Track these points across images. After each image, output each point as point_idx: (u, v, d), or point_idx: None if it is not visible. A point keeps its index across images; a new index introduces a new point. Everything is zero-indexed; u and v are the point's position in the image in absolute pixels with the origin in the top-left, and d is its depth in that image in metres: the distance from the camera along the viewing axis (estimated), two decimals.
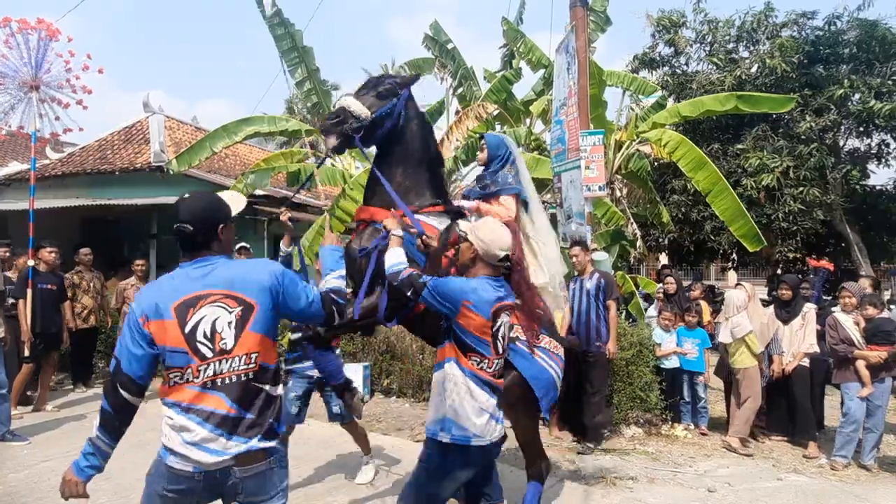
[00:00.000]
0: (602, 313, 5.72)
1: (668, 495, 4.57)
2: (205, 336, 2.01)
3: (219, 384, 2.02)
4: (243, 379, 2.04)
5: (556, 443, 5.85)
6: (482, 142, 3.84)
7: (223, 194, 2.37)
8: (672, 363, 6.39)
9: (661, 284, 8.47)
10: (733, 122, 12.05)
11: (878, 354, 5.21)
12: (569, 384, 5.90)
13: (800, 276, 8.12)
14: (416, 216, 3.27)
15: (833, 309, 6.35)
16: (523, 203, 3.69)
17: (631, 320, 7.83)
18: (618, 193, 11.83)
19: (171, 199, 10.06)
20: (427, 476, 2.65)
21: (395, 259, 2.73)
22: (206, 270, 2.10)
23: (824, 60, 11.67)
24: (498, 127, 11.59)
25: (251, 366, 2.06)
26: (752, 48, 12.95)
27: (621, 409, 6.14)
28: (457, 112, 11.68)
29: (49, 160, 13.13)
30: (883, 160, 12.47)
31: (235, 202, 2.46)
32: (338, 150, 3.37)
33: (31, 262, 6.58)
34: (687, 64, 13.82)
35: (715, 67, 12.71)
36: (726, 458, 5.55)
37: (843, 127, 11.79)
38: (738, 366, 5.81)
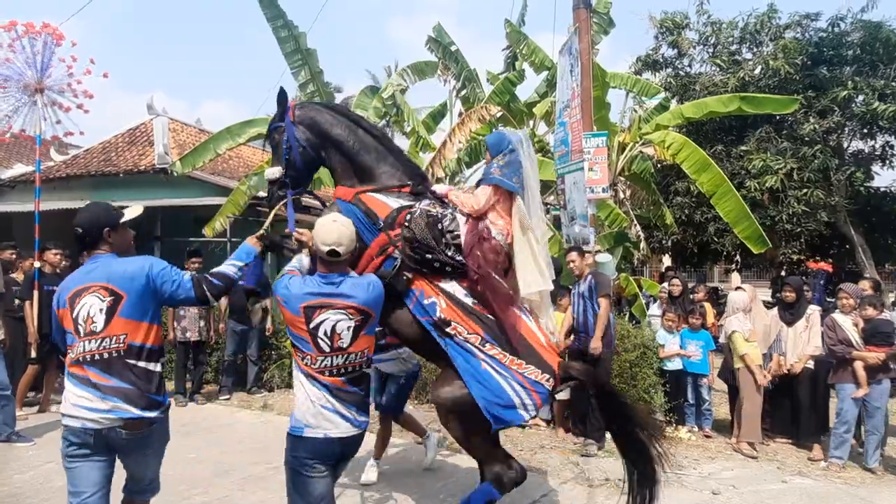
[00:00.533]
0: (596, 313, 5.71)
1: (672, 498, 4.55)
2: (82, 320, 2.54)
3: (88, 360, 2.53)
4: (114, 356, 2.53)
5: (561, 445, 5.84)
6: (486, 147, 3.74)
7: (129, 207, 2.87)
8: (675, 365, 6.37)
9: (663, 285, 8.46)
10: (737, 123, 12.03)
11: (877, 356, 5.19)
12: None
13: (803, 278, 8.10)
14: (372, 195, 3.40)
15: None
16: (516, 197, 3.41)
17: (634, 322, 7.82)
18: (621, 195, 11.83)
19: (176, 201, 10.25)
20: (287, 471, 2.79)
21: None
22: (92, 267, 2.62)
23: (828, 62, 11.65)
24: (501, 129, 11.60)
25: (119, 345, 2.54)
26: (755, 50, 12.94)
27: None
28: (460, 114, 11.70)
29: (53, 162, 13.19)
30: (887, 162, 12.44)
31: (131, 210, 2.87)
32: (298, 209, 3.62)
33: (37, 264, 6.60)
34: (690, 65, 13.83)
35: (718, 69, 12.70)
36: (731, 461, 5.54)
37: (846, 129, 11.77)
38: (736, 366, 5.85)
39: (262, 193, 10.33)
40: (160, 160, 11.28)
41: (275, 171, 3.50)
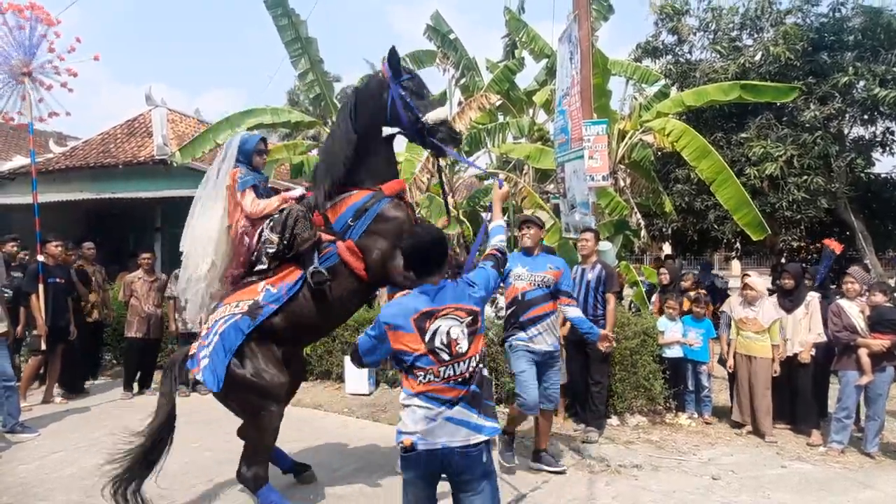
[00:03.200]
0: (602, 305, 5.73)
1: (672, 483, 4.60)
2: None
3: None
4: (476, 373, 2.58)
5: (561, 431, 5.88)
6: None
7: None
8: (675, 352, 6.40)
9: (661, 271, 8.50)
10: (737, 110, 11.98)
11: (881, 343, 5.20)
12: (572, 374, 5.96)
13: (803, 265, 8.10)
14: None
15: (838, 296, 6.35)
16: None
17: (634, 310, 7.85)
18: (621, 183, 11.82)
19: (176, 192, 10.23)
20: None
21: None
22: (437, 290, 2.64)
23: (829, 48, 11.58)
24: (500, 117, 11.57)
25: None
26: (755, 36, 12.85)
27: (625, 398, 6.17)
28: (459, 103, 11.66)
29: (52, 154, 13.18)
30: (888, 148, 12.38)
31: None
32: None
33: (40, 258, 6.60)
34: (690, 52, 13.74)
35: (718, 55, 12.63)
36: (730, 447, 5.58)
37: (847, 115, 11.70)
38: (754, 354, 5.95)
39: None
40: (159, 151, 11.28)
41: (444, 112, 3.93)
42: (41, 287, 6.44)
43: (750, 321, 5.92)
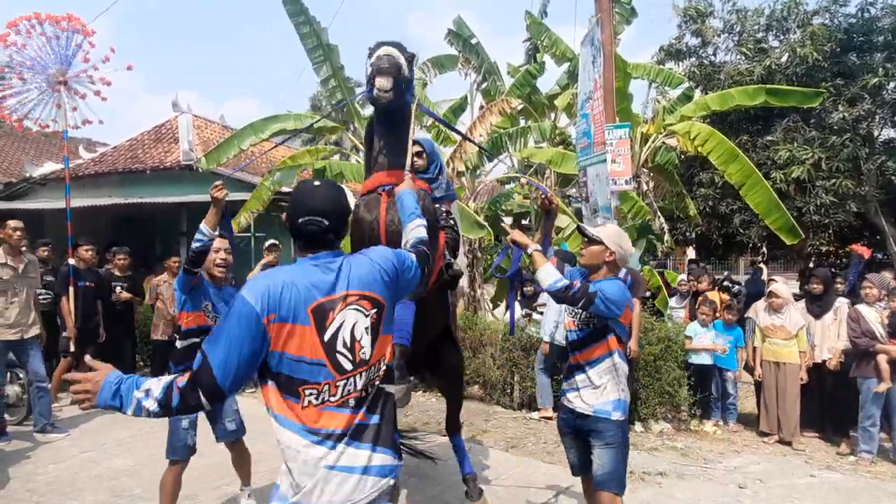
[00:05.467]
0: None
1: (698, 491, 4.54)
2: (343, 345, 1.77)
3: (354, 403, 1.78)
4: (377, 385, 1.85)
5: None
6: (419, 147, 3.55)
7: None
8: (702, 359, 6.31)
9: (681, 277, 8.38)
10: (763, 113, 11.79)
11: None
12: None
13: (832, 270, 7.94)
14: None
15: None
16: None
17: (657, 315, 7.76)
18: (644, 187, 11.69)
19: (201, 197, 10.37)
20: (623, 453, 3.00)
21: (554, 276, 2.97)
22: (328, 266, 1.82)
23: (857, 48, 11.36)
24: (522, 121, 11.55)
25: (381, 373, 1.86)
26: (782, 37, 12.65)
27: (649, 404, 6.10)
28: (481, 107, 11.67)
29: (82, 160, 13.48)
30: None
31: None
32: (391, 104, 2.95)
33: (71, 261, 6.77)
34: (714, 54, 13.57)
35: (743, 57, 12.46)
36: (757, 455, 5.49)
37: (877, 117, 11.44)
38: (782, 360, 5.88)
39: (286, 189, 10.50)
40: (185, 157, 11.47)
41: (403, 63, 2.95)
42: (71, 290, 6.60)
43: (777, 328, 5.83)
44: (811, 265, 12.09)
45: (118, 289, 7.58)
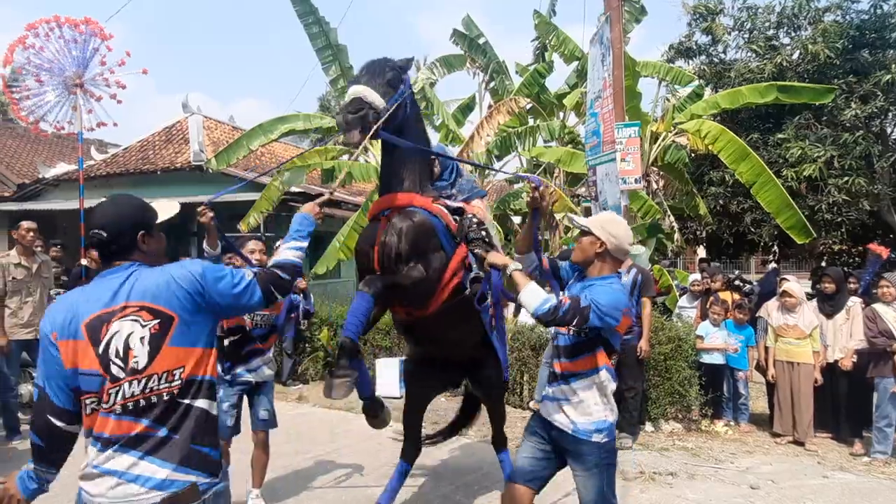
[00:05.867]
0: (636, 310, 5.65)
1: (709, 491, 4.51)
2: (115, 354, 1.80)
3: (130, 408, 1.80)
4: (164, 398, 1.83)
5: None
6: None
7: (158, 202, 2.14)
8: (714, 358, 6.27)
9: (693, 277, 8.33)
10: (774, 110, 11.71)
11: None
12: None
13: (845, 269, 7.85)
14: (437, 204, 3.27)
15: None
16: None
17: (668, 315, 7.72)
18: (654, 186, 11.65)
19: (211, 198, 10.29)
20: (608, 476, 2.72)
21: (538, 297, 2.52)
22: (118, 280, 1.88)
23: (870, 45, 11.25)
24: (531, 120, 11.54)
25: (173, 383, 1.85)
26: (793, 34, 12.55)
27: (659, 404, 6.07)
28: (489, 107, 11.66)
29: (94, 161, 13.60)
30: None
31: (167, 208, 2.13)
32: (358, 145, 3.03)
33: (83, 262, 6.83)
34: (725, 52, 13.49)
35: (754, 55, 12.37)
36: (769, 455, 5.45)
37: (890, 114, 11.34)
38: (796, 360, 5.83)
39: (296, 189, 10.54)
40: (195, 157, 11.54)
41: (377, 98, 2.97)
42: None
43: (790, 328, 5.78)
44: (823, 264, 12.00)
45: None
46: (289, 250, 2.23)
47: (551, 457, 2.80)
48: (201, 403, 1.90)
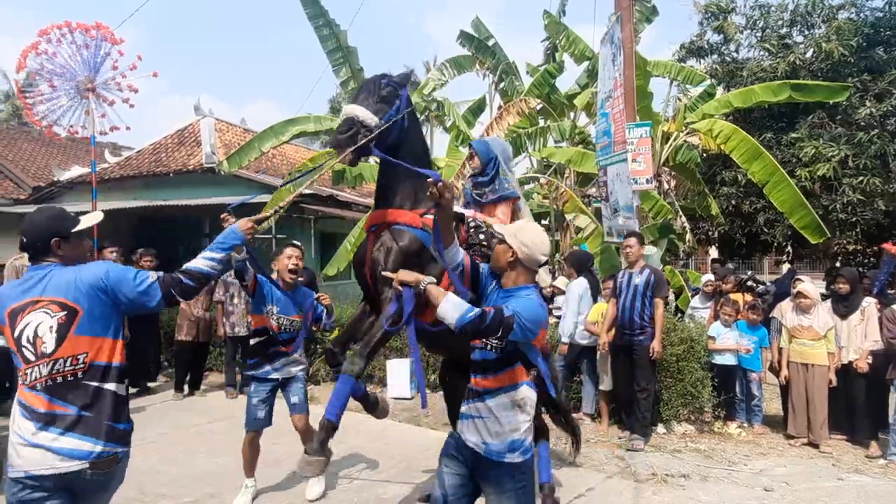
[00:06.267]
0: (649, 310, 5.62)
1: (722, 494, 4.48)
2: (27, 340, 2.19)
3: (40, 387, 2.17)
4: (70, 380, 2.19)
5: (606, 439, 5.79)
6: (471, 150, 3.89)
7: (88, 214, 2.55)
8: (726, 359, 6.22)
9: (705, 277, 8.26)
10: (787, 109, 11.62)
11: None
12: (618, 380, 5.87)
13: (859, 269, 7.76)
14: (428, 215, 3.19)
15: None
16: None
17: (680, 315, 7.67)
18: (665, 186, 11.59)
19: (223, 200, 10.54)
20: (528, 499, 2.56)
21: (458, 309, 2.41)
22: (36, 277, 2.26)
23: (885, 43, 11.13)
24: (541, 121, 11.52)
25: (78, 366, 2.21)
26: (806, 32, 12.45)
27: (672, 405, 6.03)
28: (499, 107, 11.66)
29: (108, 164, 13.73)
30: None
31: (89, 218, 2.51)
32: (353, 163, 3.17)
33: None
34: (737, 51, 13.41)
35: (767, 54, 12.27)
36: (783, 458, 5.39)
37: None
38: (811, 362, 5.77)
39: (307, 191, 10.58)
40: (207, 160, 11.62)
41: (369, 115, 3.04)
42: None
43: (805, 329, 5.72)
44: (838, 264, 11.88)
45: None
46: (203, 259, 2.44)
47: (467, 482, 2.61)
48: (110, 386, 2.26)
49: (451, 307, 2.42)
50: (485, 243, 3.40)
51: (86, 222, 2.43)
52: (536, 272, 2.67)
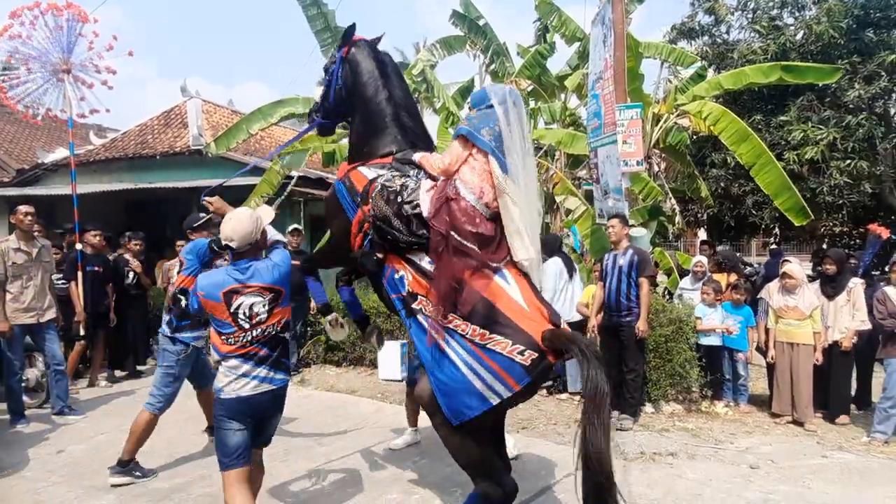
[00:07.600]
0: (635, 291, 5.66)
1: (709, 471, 4.55)
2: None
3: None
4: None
5: None
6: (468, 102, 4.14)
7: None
8: (712, 340, 6.29)
9: (696, 258, 8.31)
10: (777, 92, 11.62)
11: None
12: (607, 361, 5.91)
13: (846, 250, 7.84)
14: (360, 168, 3.37)
15: (881, 283, 6.16)
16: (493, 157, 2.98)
17: (669, 297, 7.73)
18: (655, 168, 11.60)
19: (211, 182, 10.41)
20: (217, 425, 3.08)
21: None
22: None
23: (875, 25, 11.13)
24: (532, 102, 11.45)
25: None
26: (797, 14, 12.43)
27: (660, 385, 6.10)
28: None
29: (93, 146, 13.54)
30: None
31: (266, 215, 3.22)
32: (322, 134, 4.01)
33: (78, 246, 6.83)
34: (728, 33, 13.37)
35: (757, 35, 12.25)
36: (768, 436, 5.48)
37: (894, 95, 11.27)
38: (796, 341, 5.84)
39: (296, 173, 10.50)
40: (195, 142, 11.48)
41: (316, 92, 3.81)
42: (80, 274, 6.66)
43: (790, 309, 5.79)
44: (825, 246, 12.00)
45: (131, 262, 7.61)
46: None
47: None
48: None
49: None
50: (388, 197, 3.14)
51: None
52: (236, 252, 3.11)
